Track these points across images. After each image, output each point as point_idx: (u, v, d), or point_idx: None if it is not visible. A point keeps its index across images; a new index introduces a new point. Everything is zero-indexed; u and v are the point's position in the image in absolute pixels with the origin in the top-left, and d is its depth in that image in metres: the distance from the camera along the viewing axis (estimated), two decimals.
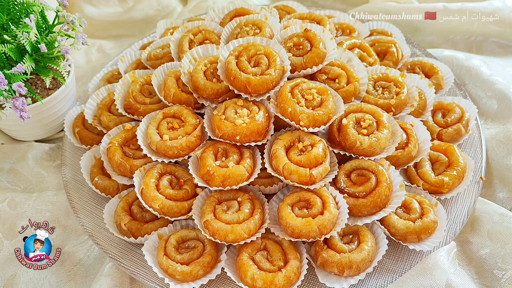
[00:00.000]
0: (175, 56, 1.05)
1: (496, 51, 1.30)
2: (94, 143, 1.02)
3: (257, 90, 0.86)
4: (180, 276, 0.77)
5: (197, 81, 0.90)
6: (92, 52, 1.45)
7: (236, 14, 1.11)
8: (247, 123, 0.83)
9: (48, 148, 1.10)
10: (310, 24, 0.98)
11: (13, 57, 0.94)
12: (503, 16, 1.27)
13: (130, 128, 0.95)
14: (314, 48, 0.92)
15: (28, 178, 1.04)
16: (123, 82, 1.02)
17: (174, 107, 0.92)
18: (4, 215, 0.95)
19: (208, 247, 0.80)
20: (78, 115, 1.07)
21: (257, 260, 0.78)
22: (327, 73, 0.94)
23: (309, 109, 0.83)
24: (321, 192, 0.82)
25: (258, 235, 0.79)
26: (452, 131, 0.97)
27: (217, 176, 0.81)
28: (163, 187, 0.85)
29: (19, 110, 0.92)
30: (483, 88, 1.13)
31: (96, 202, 0.94)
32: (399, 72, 1.00)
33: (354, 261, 0.76)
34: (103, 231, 0.88)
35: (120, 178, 0.91)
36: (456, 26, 1.31)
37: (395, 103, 0.93)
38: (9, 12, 0.99)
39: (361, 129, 0.85)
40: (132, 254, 0.84)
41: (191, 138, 0.87)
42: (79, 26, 1.02)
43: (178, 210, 0.83)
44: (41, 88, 1.05)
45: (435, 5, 1.32)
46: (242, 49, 0.90)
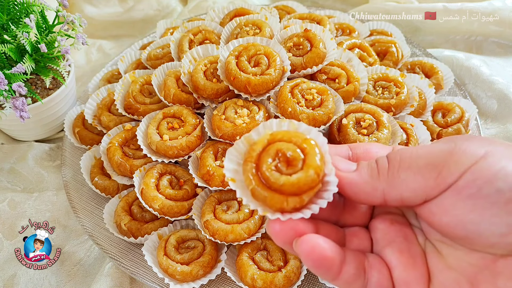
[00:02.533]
0: (175, 56, 1.05)
1: (496, 51, 1.30)
2: (94, 143, 1.02)
3: (257, 90, 0.86)
4: (180, 276, 0.77)
5: (197, 81, 0.90)
6: (92, 52, 1.45)
7: (236, 14, 1.11)
8: (247, 123, 0.83)
9: (48, 148, 1.10)
10: (310, 24, 0.98)
11: (13, 57, 0.94)
12: (503, 16, 1.27)
13: (130, 128, 0.95)
14: (314, 48, 0.92)
15: (28, 178, 1.04)
16: (123, 82, 1.02)
17: (174, 107, 0.92)
18: (4, 215, 0.95)
19: (208, 247, 0.80)
20: (78, 115, 1.07)
21: (257, 260, 0.78)
22: (327, 73, 0.94)
23: (309, 109, 0.83)
24: None
25: (258, 235, 0.79)
26: (452, 131, 0.97)
27: (217, 176, 0.81)
28: (163, 187, 0.85)
29: (19, 110, 0.92)
30: (483, 88, 1.13)
31: (96, 202, 0.94)
32: (399, 72, 1.00)
33: None
34: (103, 231, 0.88)
35: (120, 178, 0.91)
36: (456, 26, 1.31)
37: (395, 103, 0.93)
38: (9, 12, 0.99)
39: (361, 129, 0.85)
40: (132, 254, 0.84)
41: (191, 138, 0.87)
42: (79, 26, 1.02)
43: (178, 210, 0.83)
44: (41, 88, 1.05)
45: (435, 5, 1.32)
46: (242, 49, 0.90)
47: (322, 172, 0.43)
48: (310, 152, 0.43)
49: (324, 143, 0.45)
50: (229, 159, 0.46)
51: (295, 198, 0.42)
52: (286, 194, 0.42)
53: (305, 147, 0.44)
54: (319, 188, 0.43)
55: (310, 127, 0.46)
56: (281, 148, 0.44)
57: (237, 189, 0.44)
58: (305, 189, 0.42)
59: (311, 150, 0.43)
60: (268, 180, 0.43)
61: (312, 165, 0.42)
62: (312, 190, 0.43)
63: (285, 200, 0.42)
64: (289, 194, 0.42)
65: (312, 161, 0.43)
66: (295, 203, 0.42)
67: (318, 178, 0.43)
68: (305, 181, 0.42)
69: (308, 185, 0.42)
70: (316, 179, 0.42)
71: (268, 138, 0.45)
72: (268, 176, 0.43)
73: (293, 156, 0.43)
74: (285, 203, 0.42)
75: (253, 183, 0.43)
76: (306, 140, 0.44)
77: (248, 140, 0.47)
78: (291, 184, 0.42)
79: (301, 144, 0.44)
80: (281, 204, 0.42)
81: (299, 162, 0.43)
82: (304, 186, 0.42)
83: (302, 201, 0.43)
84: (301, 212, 0.43)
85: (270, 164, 0.43)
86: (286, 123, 0.47)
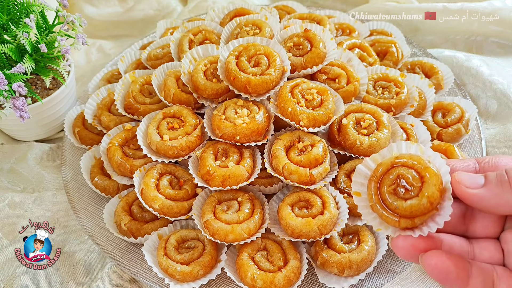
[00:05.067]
0: (175, 56, 1.05)
1: (496, 51, 1.30)
2: (94, 143, 1.02)
3: (257, 90, 0.86)
4: (180, 276, 0.77)
5: (197, 81, 0.90)
6: (92, 52, 1.45)
7: (236, 14, 1.11)
8: (247, 123, 0.83)
9: (48, 148, 1.10)
10: (310, 24, 0.99)
11: (13, 57, 0.94)
12: (503, 16, 1.27)
13: (130, 128, 0.95)
14: (314, 48, 0.92)
15: (28, 178, 1.04)
16: (123, 82, 1.02)
17: (174, 107, 0.92)
18: (4, 215, 0.95)
19: (208, 247, 0.80)
20: (78, 115, 1.07)
21: (257, 260, 0.78)
22: (327, 73, 0.94)
23: (309, 109, 0.83)
24: (321, 192, 0.82)
25: (258, 235, 0.79)
26: (452, 131, 0.97)
27: (217, 176, 0.81)
28: (163, 187, 0.85)
29: (19, 110, 0.92)
30: (483, 88, 1.13)
31: (96, 202, 0.94)
32: (399, 72, 1.00)
33: (354, 261, 0.76)
34: (103, 231, 0.88)
35: (120, 178, 0.91)
36: (456, 26, 1.31)
37: (395, 103, 0.93)
38: (9, 12, 0.99)
39: (361, 129, 0.85)
40: (132, 254, 0.84)
41: (191, 138, 0.87)
42: (79, 26, 1.02)
43: (178, 210, 0.83)
44: (41, 88, 1.05)
45: (435, 5, 1.32)
46: (242, 49, 0.90)
47: (437, 200, 0.46)
48: (428, 181, 0.47)
49: (447, 172, 0.48)
50: (357, 174, 0.52)
51: (407, 220, 0.47)
52: (399, 216, 0.48)
53: (425, 175, 0.47)
54: (433, 214, 0.47)
55: (436, 154, 0.50)
56: (402, 173, 0.49)
57: (359, 202, 0.51)
58: (418, 214, 0.47)
59: (429, 179, 0.47)
60: (385, 201, 0.49)
61: (426, 194, 0.46)
62: (425, 215, 0.47)
63: (397, 221, 0.48)
64: (402, 216, 0.48)
65: (428, 190, 0.46)
66: (406, 224, 0.48)
67: (432, 207, 0.46)
68: (417, 208, 0.47)
69: (421, 211, 0.47)
70: (428, 207, 0.46)
71: (392, 161, 0.50)
72: (386, 197, 0.49)
73: (411, 183, 0.48)
74: (397, 224, 0.48)
75: (373, 200, 0.49)
76: (427, 168, 0.48)
77: (375, 160, 0.52)
78: (404, 209, 0.47)
79: (422, 171, 0.48)
80: (394, 223, 0.48)
81: (417, 189, 0.47)
82: (416, 211, 0.47)
83: (413, 223, 0.47)
84: (412, 231, 0.48)
85: (390, 187, 0.49)
86: (414, 146, 0.51)
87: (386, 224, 0.49)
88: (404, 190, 0.48)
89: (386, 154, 0.52)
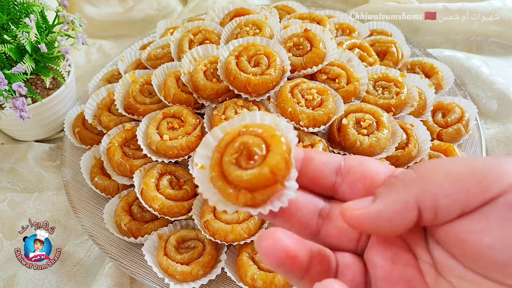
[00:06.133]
0: (175, 56, 1.05)
1: (496, 51, 1.30)
2: (94, 143, 1.02)
3: (257, 90, 0.86)
4: (180, 276, 0.77)
5: (197, 81, 0.90)
6: (92, 52, 1.45)
7: (236, 14, 1.11)
8: None
9: (48, 148, 1.10)
10: (310, 24, 0.99)
11: (13, 57, 0.94)
12: (503, 16, 1.27)
13: (130, 128, 0.95)
14: (314, 48, 0.92)
15: (28, 178, 1.04)
16: (123, 82, 1.02)
17: (174, 107, 0.92)
18: (4, 215, 0.95)
19: (208, 247, 0.80)
20: (78, 115, 1.07)
21: (257, 260, 0.78)
22: (327, 73, 0.94)
23: (309, 109, 0.83)
24: None
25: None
26: (452, 131, 0.97)
27: None
28: (163, 187, 0.85)
29: (19, 110, 0.92)
30: (483, 88, 1.13)
31: (96, 202, 0.94)
32: (399, 72, 1.00)
33: None
34: (103, 231, 0.88)
35: (120, 178, 0.91)
36: (456, 26, 1.31)
37: (395, 103, 0.93)
38: (9, 12, 0.99)
39: (361, 129, 0.85)
40: (132, 254, 0.84)
41: (191, 138, 0.87)
42: (79, 26, 1.02)
43: (178, 210, 0.83)
44: (41, 88, 1.05)
45: (435, 5, 1.32)
46: (242, 49, 0.90)
47: (282, 172, 0.39)
48: (274, 149, 0.40)
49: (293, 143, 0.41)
50: (203, 146, 0.44)
51: (247, 194, 0.40)
52: (238, 189, 0.40)
53: (271, 144, 0.40)
54: (278, 189, 0.40)
55: (289, 125, 0.43)
56: (247, 141, 0.41)
57: (200, 176, 0.42)
58: (259, 187, 0.40)
59: (275, 147, 0.40)
60: (225, 172, 0.41)
61: (270, 163, 0.39)
62: (266, 189, 0.40)
63: (235, 195, 0.40)
64: (242, 189, 0.40)
65: (272, 159, 0.39)
66: (246, 200, 0.40)
67: (275, 178, 0.39)
68: (258, 179, 0.39)
69: (262, 183, 0.39)
70: (271, 179, 0.39)
71: (240, 129, 0.43)
72: (226, 168, 0.41)
73: (255, 151, 0.40)
74: (235, 197, 0.40)
75: (213, 173, 0.41)
76: (274, 136, 0.41)
77: (224, 129, 0.44)
78: (244, 181, 0.39)
79: (268, 139, 0.41)
80: (232, 197, 0.40)
81: (261, 158, 0.40)
82: (257, 183, 0.39)
83: (254, 198, 0.40)
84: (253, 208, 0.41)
85: (232, 156, 0.41)
86: (269, 117, 0.44)
87: (225, 200, 0.41)
88: (248, 159, 0.40)
89: (236, 123, 0.44)
